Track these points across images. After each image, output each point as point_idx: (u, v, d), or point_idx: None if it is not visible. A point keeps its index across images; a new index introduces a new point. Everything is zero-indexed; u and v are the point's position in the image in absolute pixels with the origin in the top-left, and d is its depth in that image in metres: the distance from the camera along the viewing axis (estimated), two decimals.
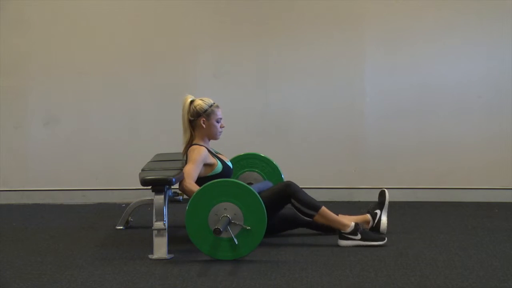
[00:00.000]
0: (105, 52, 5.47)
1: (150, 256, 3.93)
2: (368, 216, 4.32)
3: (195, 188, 3.98)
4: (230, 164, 4.35)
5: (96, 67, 5.48)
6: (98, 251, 4.11)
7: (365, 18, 5.37)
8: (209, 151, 4.23)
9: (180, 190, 4.13)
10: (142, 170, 4.25)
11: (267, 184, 4.42)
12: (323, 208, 4.09)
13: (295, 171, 4.87)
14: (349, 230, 4.08)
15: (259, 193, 3.97)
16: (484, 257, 3.86)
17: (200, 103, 4.22)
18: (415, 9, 5.35)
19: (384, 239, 4.08)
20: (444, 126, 5.39)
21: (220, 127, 4.26)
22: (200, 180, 4.10)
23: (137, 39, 5.47)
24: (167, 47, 5.46)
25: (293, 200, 4.09)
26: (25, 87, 5.49)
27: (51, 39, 5.47)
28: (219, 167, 4.20)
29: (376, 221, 4.29)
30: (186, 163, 4.18)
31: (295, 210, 4.11)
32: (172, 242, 4.06)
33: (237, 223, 3.83)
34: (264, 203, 3.84)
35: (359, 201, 5.31)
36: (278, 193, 4.12)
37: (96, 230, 4.63)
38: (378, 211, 4.31)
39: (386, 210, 4.31)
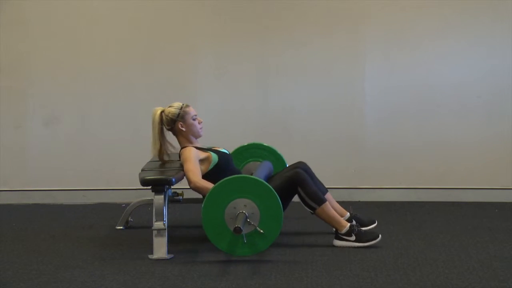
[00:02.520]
0: (105, 52, 5.47)
1: (150, 256, 3.93)
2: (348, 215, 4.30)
3: (206, 183, 3.97)
4: (225, 150, 4.34)
5: (96, 67, 5.48)
6: (98, 251, 4.11)
7: (365, 18, 5.37)
8: (198, 147, 4.22)
9: (193, 190, 4.08)
10: (142, 170, 4.25)
11: (268, 166, 4.42)
12: (327, 203, 4.09)
13: None
14: (344, 230, 4.07)
15: (268, 180, 3.94)
16: (484, 257, 3.86)
17: (170, 110, 4.24)
18: (415, 9, 5.35)
19: (378, 236, 4.07)
20: (444, 126, 5.39)
21: (198, 123, 4.28)
22: (204, 178, 4.09)
23: (137, 39, 5.46)
24: (167, 47, 5.46)
25: (299, 189, 4.08)
26: (25, 87, 5.49)
27: (51, 39, 5.47)
28: (214, 157, 4.19)
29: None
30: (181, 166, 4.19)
31: (299, 198, 4.10)
32: (172, 242, 4.06)
33: (252, 223, 3.82)
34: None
35: (359, 201, 5.31)
36: (287, 181, 4.10)
37: (96, 230, 4.64)
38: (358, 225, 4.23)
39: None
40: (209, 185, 3.96)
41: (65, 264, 3.85)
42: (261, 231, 3.82)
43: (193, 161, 4.10)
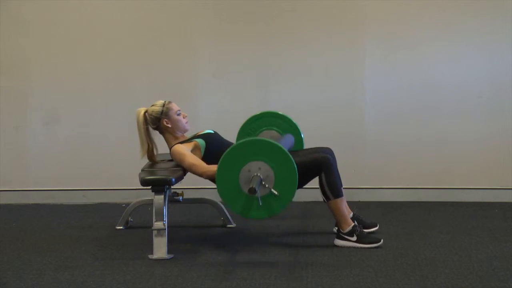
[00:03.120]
0: (105, 52, 5.47)
1: (150, 256, 3.94)
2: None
3: (214, 167, 3.95)
4: (209, 130, 4.36)
5: (96, 67, 5.48)
6: (98, 251, 4.11)
7: (365, 18, 5.36)
8: (184, 141, 4.24)
9: (208, 179, 4.08)
10: (142, 170, 4.25)
11: (290, 140, 4.41)
12: (343, 198, 4.09)
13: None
14: (347, 230, 4.07)
15: (290, 153, 3.92)
16: (484, 257, 3.87)
17: (153, 108, 4.27)
18: (415, 9, 5.35)
19: (380, 241, 4.07)
20: (444, 126, 5.39)
21: (183, 117, 4.29)
22: None
23: (137, 39, 5.47)
24: (167, 47, 5.46)
25: (323, 174, 4.06)
26: (25, 87, 5.49)
27: (51, 39, 5.47)
28: (201, 143, 4.21)
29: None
30: (180, 166, 4.19)
31: (319, 183, 4.09)
32: (172, 242, 4.06)
33: (267, 185, 3.81)
34: (297, 168, 3.82)
35: (359, 201, 5.31)
36: (313, 162, 4.08)
37: (96, 230, 4.64)
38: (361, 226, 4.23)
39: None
40: (211, 169, 4.00)
41: (65, 264, 3.85)
42: (276, 193, 3.80)
43: (189, 155, 4.13)
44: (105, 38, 5.47)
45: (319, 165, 4.06)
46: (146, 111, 4.28)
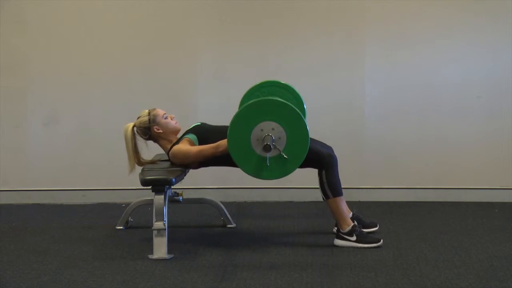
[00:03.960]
0: (105, 52, 5.47)
1: (150, 256, 3.94)
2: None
3: (222, 141, 3.97)
4: (195, 124, 4.38)
5: (96, 67, 5.47)
6: (98, 251, 4.11)
7: (365, 18, 5.36)
8: (176, 142, 4.25)
9: (222, 153, 4.03)
10: (142, 170, 4.25)
11: None
12: (342, 197, 4.09)
13: (294, 171, 4.85)
14: (346, 230, 4.07)
15: None
16: (484, 257, 3.87)
17: (140, 120, 4.31)
18: (415, 9, 5.34)
19: (380, 241, 4.07)
20: (444, 126, 5.39)
21: (171, 119, 4.31)
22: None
23: (137, 39, 5.46)
24: (167, 47, 5.45)
25: (324, 172, 4.07)
26: (25, 87, 5.49)
27: (51, 39, 5.46)
28: (192, 137, 4.22)
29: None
30: (179, 166, 4.20)
31: (318, 181, 4.09)
32: (172, 242, 4.06)
33: (278, 147, 3.80)
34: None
35: (359, 201, 5.31)
36: (317, 154, 4.07)
37: (96, 230, 4.63)
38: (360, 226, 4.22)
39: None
40: (222, 141, 3.99)
41: (65, 264, 3.85)
42: (286, 156, 3.80)
43: (191, 147, 4.14)
44: (105, 38, 5.47)
45: (322, 160, 4.06)
46: (134, 126, 4.30)
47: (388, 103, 5.40)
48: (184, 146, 4.16)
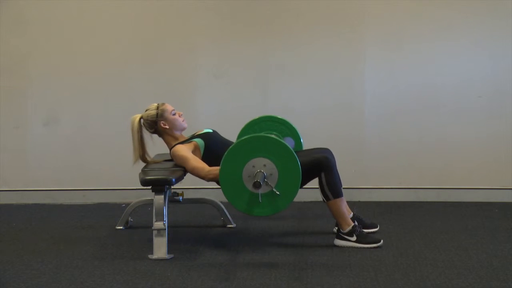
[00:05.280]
0: (105, 52, 5.47)
1: (150, 256, 3.94)
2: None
3: (217, 169, 3.97)
4: (207, 130, 4.38)
5: (96, 67, 5.47)
6: (98, 251, 4.11)
7: (365, 18, 5.36)
8: (183, 141, 4.25)
9: (211, 181, 4.09)
10: (142, 170, 4.25)
11: (290, 143, 4.42)
12: (342, 198, 4.09)
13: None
14: (347, 230, 4.07)
15: None
16: (484, 257, 3.87)
17: (148, 113, 4.29)
18: (415, 9, 5.34)
19: (380, 241, 4.07)
20: (444, 126, 5.39)
21: (179, 116, 4.30)
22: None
23: (137, 39, 5.46)
24: (167, 47, 5.46)
25: (323, 174, 4.07)
26: (25, 87, 5.49)
27: (51, 39, 5.47)
28: (200, 143, 4.22)
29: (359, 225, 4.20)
30: (180, 166, 4.20)
31: (318, 183, 4.09)
32: (172, 242, 4.06)
33: (269, 183, 3.81)
34: None
35: (359, 201, 5.31)
36: (313, 162, 4.08)
37: (96, 230, 4.63)
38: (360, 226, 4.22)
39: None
40: (214, 170, 4.02)
41: (65, 264, 3.85)
42: (278, 192, 3.81)
43: (191, 157, 4.14)
44: (105, 38, 5.47)
45: (319, 165, 4.06)
46: (141, 117, 4.29)
47: (388, 103, 5.40)
48: (185, 152, 4.15)
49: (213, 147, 4.19)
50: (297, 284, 3.47)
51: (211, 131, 4.38)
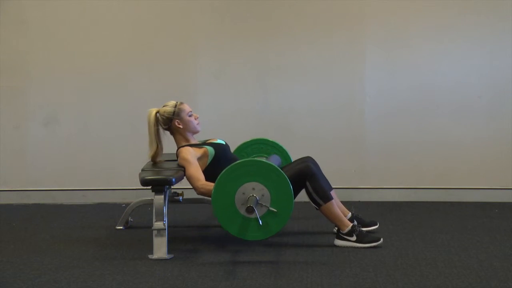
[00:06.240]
0: (105, 52, 5.47)
1: (150, 256, 3.94)
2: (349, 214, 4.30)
3: (210, 185, 3.98)
4: (221, 141, 4.36)
5: (96, 67, 5.47)
6: (98, 251, 4.11)
7: (365, 18, 5.36)
8: (194, 145, 4.25)
9: (201, 194, 4.11)
10: (142, 170, 4.25)
11: (276, 158, 4.44)
12: (332, 201, 4.08)
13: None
14: (346, 230, 4.07)
15: None
16: (484, 257, 3.87)
17: (165, 109, 4.27)
18: (415, 9, 5.35)
19: (380, 239, 4.07)
20: (444, 126, 5.39)
21: (195, 119, 4.30)
22: (204, 173, 4.11)
23: (137, 39, 5.46)
24: (167, 47, 5.46)
25: (307, 183, 4.07)
26: (25, 87, 5.49)
27: (51, 39, 5.47)
28: (210, 151, 4.21)
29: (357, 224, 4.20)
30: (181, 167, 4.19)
31: (306, 193, 4.09)
32: (172, 242, 4.06)
33: (264, 204, 3.82)
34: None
35: (359, 201, 5.31)
36: (297, 174, 4.09)
37: (96, 230, 4.64)
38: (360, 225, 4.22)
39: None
40: (208, 186, 4.01)
41: (65, 264, 3.85)
42: (274, 210, 3.82)
43: (193, 164, 4.12)
44: (105, 38, 5.47)
45: (302, 174, 4.08)
46: (157, 112, 4.27)
47: (388, 103, 5.40)
48: (190, 156, 4.13)
49: (221, 160, 4.17)
50: (297, 284, 3.47)
51: (224, 143, 4.36)
